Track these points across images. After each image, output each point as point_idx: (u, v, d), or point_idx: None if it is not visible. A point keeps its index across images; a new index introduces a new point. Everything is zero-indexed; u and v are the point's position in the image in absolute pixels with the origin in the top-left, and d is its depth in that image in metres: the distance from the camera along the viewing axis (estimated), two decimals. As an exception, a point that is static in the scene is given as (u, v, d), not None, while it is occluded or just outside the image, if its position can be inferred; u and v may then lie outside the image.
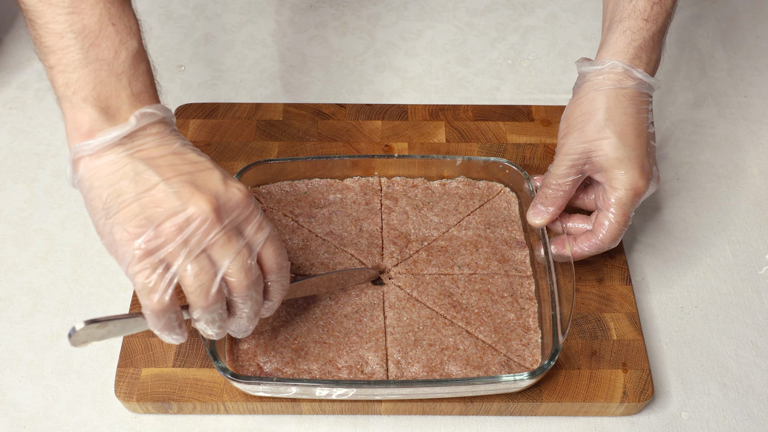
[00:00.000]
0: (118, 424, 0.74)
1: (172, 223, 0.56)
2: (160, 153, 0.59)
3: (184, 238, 0.56)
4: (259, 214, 0.61)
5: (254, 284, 0.60)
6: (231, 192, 0.59)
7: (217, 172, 0.60)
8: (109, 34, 0.58)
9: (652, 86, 0.73)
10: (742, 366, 0.79)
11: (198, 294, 0.57)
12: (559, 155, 0.75)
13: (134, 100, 0.59)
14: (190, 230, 0.56)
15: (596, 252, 0.75)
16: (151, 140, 0.59)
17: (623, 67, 0.72)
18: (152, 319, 0.57)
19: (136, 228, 0.55)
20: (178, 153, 0.59)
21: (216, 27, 1.11)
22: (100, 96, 0.58)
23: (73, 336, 0.56)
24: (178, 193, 0.57)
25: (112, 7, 0.59)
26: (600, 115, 0.72)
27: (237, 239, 0.58)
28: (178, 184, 0.57)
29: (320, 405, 0.73)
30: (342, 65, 1.07)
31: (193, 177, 0.58)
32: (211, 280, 0.57)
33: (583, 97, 0.73)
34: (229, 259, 0.58)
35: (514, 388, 0.71)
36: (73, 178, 0.59)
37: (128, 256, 0.56)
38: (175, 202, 0.56)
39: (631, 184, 0.72)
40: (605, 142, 0.71)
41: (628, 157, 0.71)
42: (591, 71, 0.74)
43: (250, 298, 0.61)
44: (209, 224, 0.57)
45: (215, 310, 0.59)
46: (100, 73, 0.58)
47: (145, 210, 0.56)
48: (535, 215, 0.77)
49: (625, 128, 0.72)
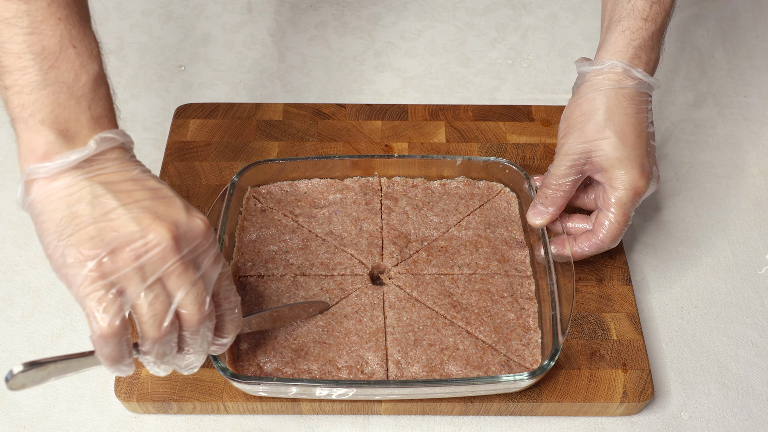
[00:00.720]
0: (118, 424, 0.74)
1: (130, 248, 0.54)
2: (119, 178, 0.57)
3: (140, 264, 0.54)
4: (216, 247, 0.59)
5: (207, 318, 0.58)
6: (192, 222, 0.57)
7: (179, 201, 0.58)
8: (69, 56, 0.56)
9: (651, 86, 0.73)
10: (742, 366, 0.79)
11: (151, 324, 0.55)
12: (558, 155, 0.75)
13: (94, 124, 0.57)
14: (147, 257, 0.54)
15: (596, 252, 0.75)
16: (110, 165, 0.57)
17: (623, 67, 0.72)
18: (100, 344, 0.54)
19: (91, 250, 0.53)
20: (138, 180, 0.58)
21: (216, 27, 1.11)
22: (58, 119, 0.56)
23: (10, 380, 0.53)
24: (137, 218, 0.55)
25: (73, 29, 0.57)
26: (600, 115, 0.72)
27: (194, 271, 0.57)
28: (137, 210, 0.55)
29: (320, 405, 0.73)
30: (342, 65, 1.07)
31: (153, 204, 0.56)
32: (166, 310, 0.55)
33: (583, 97, 0.73)
34: (185, 290, 0.56)
35: (514, 388, 0.71)
36: (24, 200, 0.57)
37: (80, 278, 0.53)
38: (133, 227, 0.54)
39: (631, 183, 0.72)
40: (605, 142, 0.71)
41: (628, 156, 0.71)
42: (590, 71, 0.74)
43: (201, 334, 0.59)
44: (167, 252, 0.55)
45: (167, 343, 0.57)
46: (59, 96, 0.56)
47: (101, 234, 0.54)
48: (535, 215, 0.77)
49: (625, 128, 0.71)
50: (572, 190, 0.75)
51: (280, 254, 0.80)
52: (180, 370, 0.63)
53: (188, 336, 0.58)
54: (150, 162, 0.94)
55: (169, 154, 0.91)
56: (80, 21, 0.58)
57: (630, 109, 0.72)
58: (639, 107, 0.72)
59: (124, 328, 0.54)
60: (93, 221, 0.54)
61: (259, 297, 0.77)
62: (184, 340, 0.59)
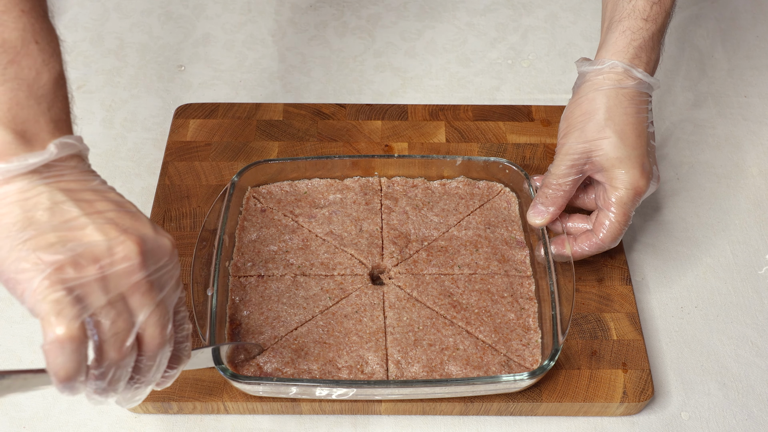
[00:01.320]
0: (118, 424, 0.74)
1: (94, 258, 0.50)
2: (78, 187, 0.53)
3: (103, 276, 0.50)
4: (179, 270, 0.56)
5: (166, 344, 0.54)
6: (160, 240, 0.54)
7: (144, 217, 0.54)
8: (31, 51, 0.53)
9: (651, 86, 0.73)
10: (742, 366, 0.79)
11: (112, 343, 0.50)
12: (559, 155, 0.75)
13: (53, 128, 0.53)
14: (112, 270, 0.50)
15: (597, 251, 0.75)
16: (69, 173, 0.53)
17: (623, 67, 0.72)
18: (54, 353, 0.48)
19: (52, 256, 0.49)
20: (99, 191, 0.54)
21: (216, 27, 1.11)
22: (16, 118, 0.51)
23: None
24: (101, 229, 0.51)
25: (36, 23, 0.53)
26: (600, 115, 0.72)
27: (157, 291, 0.53)
28: (101, 221, 0.51)
29: (320, 405, 0.73)
30: (342, 65, 1.07)
31: (118, 216, 0.52)
32: (128, 329, 0.51)
33: (583, 97, 0.73)
34: (148, 310, 0.52)
35: (514, 388, 0.71)
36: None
37: (35, 282, 0.48)
38: (98, 237, 0.50)
39: (631, 183, 0.72)
40: (605, 142, 0.71)
41: (628, 156, 0.71)
42: (591, 71, 0.74)
43: (157, 361, 0.55)
44: (133, 268, 0.51)
45: (124, 367, 0.52)
46: (18, 94, 0.52)
47: (62, 241, 0.49)
48: (536, 215, 0.77)
49: (625, 128, 0.71)
50: (572, 190, 0.75)
51: (280, 254, 0.80)
52: (121, 402, 0.57)
53: (144, 361, 0.54)
54: (150, 162, 0.94)
55: (169, 154, 0.91)
56: (43, 14, 0.54)
57: (630, 108, 0.72)
58: (639, 107, 0.72)
59: (83, 334, 0.49)
60: (52, 229, 0.50)
61: (259, 297, 0.77)
62: (138, 368, 0.54)
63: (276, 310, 0.76)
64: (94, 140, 0.96)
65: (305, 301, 0.77)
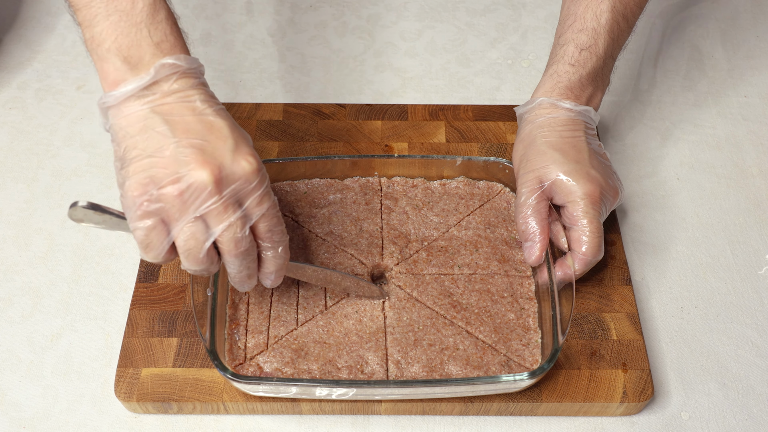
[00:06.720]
0: (118, 424, 0.74)
1: (174, 187, 0.58)
2: (178, 110, 0.60)
3: (182, 202, 0.58)
4: (263, 188, 0.62)
5: (243, 254, 0.62)
6: (237, 165, 0.60)
7: (231, 141, 0.60)
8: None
9: (583, 113, 0.78)
10: (742, 366, 0.79)
11: (187, 256, 0.61)
12: (518, 191, 0.77)
13: (155, 50, 0.60)
14: (188, 196, 0.58)
15: (586, 267, 0.75)
16: (172, 95, 0.60)
17: (549, 102, 0.78)
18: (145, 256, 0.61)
19: (141, 184, 0.58)
20: (198, 113, 0.60)
21: (216, 27, 1.11)
22: (121, 46, 0.59)
23: (71, 209, 0.59)
24: (185, 157, 0.58)
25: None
26: (539, 141, 0.77)
27: (233, 210, 0.60)
28: (187, 149, 0.58)
29: (320, 405, 0.73)
30: (342, 65, 1.07)
31: (204, 143, 0.59)
32: (200, 246, 0.60)
33: (523, 133, 0.80)
34: (221, 228, 0.60)
35: (514, 388, 0.71)
36: (105, 124, 0.62)
37: (131, 211, 0.59)
38: (179, 167, 0.58)
39: (584, 191, 0.74)
40: (549, 162, 0.75)
41: (574, 168, 0.75)
42: (525, 111, 0.80)
43: (239, 265, 0.63)
44: (207, 194, 0.58)
45: (204, 269, 0.62)
46: (120, 24, 0.59)
47: (152, 169, 0.58)
48: (530, 254, 0.76)
49: (563, 146, 0.76)
50: (545, 214, 0.76)
51: (280, 254, 0.80)
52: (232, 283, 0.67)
53: (229, 265, 0.64)
54: (150, 162, 0.94)
55: (169, 154, 0.91)
56: None
57: (566, 132, 0.77)
58: (575, 131, 0.77)
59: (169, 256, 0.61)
60: (147, 155, 0.58)
61: (259, 297, 0.77)
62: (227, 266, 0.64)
63: (276, 309, 0.76)
64: (94, 140, 0.96)
65: (305, 301, 0.77)
